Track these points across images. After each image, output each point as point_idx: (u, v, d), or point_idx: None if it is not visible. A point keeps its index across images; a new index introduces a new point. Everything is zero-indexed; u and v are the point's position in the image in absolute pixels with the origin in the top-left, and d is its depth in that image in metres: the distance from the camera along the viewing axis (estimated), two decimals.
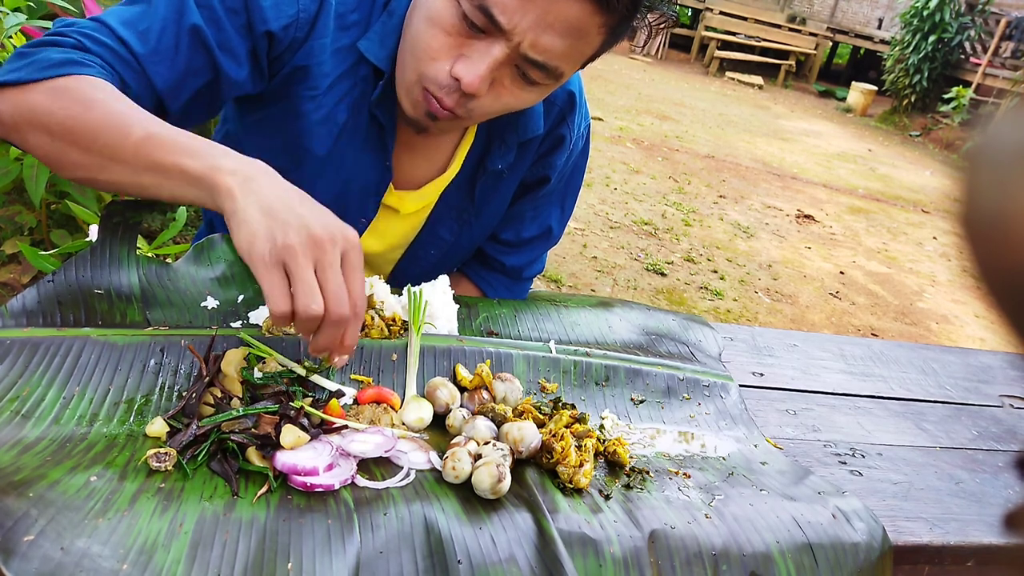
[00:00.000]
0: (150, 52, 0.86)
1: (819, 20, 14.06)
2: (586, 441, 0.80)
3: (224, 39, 0.90)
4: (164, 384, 0.78)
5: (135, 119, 0.77)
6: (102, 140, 0.76)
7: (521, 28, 0.82)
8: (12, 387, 0.72)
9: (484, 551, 0.66)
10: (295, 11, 0.92)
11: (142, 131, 0.75)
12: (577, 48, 0.86)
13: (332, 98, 0.99)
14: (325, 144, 1.01)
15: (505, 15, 0.81)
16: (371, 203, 1.09)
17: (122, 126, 0.76)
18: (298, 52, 0.95)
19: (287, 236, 0.67)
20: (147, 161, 0.74)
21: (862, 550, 0.78)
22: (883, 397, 1.20)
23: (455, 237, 1.18)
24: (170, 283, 0.94)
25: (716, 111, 9.90)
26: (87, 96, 0.77)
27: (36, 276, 2.01)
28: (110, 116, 0.76)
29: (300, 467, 0.68)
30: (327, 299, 0.68)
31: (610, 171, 6.16)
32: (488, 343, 0.96)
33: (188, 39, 0.87)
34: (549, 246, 1.33)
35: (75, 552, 0.55)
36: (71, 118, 0.77)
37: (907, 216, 7.06)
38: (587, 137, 1.24)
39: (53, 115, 0.78)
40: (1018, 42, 10.78)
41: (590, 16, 0.82)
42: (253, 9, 0.90)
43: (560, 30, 0.82)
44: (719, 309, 4.12)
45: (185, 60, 0.88)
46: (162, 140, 0.74)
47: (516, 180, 1.18)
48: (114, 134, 0.76)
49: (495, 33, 0.83)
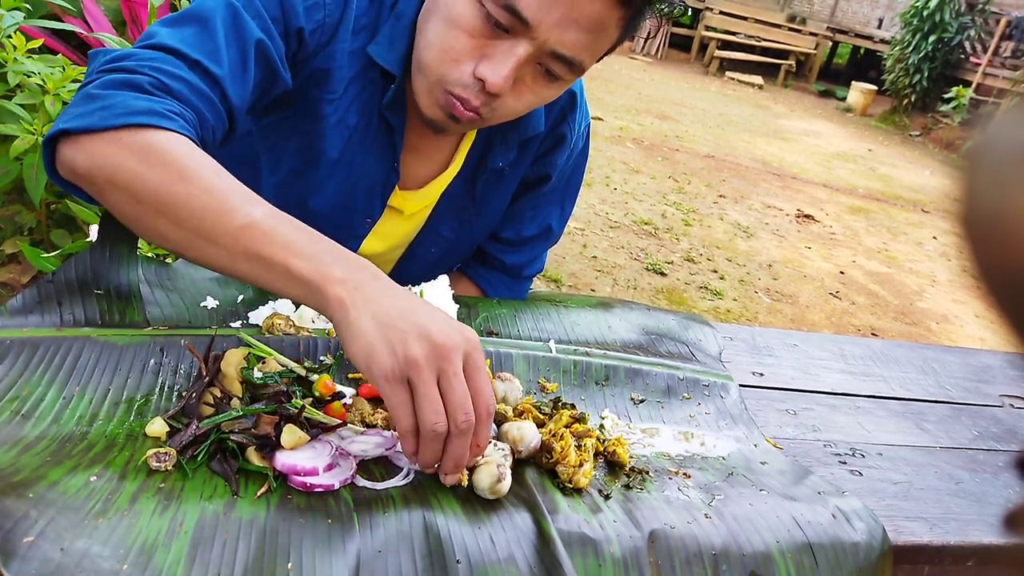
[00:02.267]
0: (226, 74, 0.82)
1: (819, 20, 14.06)
2: (586, 441, 0.80)
3: (278, 49, 0.90)
4: (164, 384, 0.78)
5: (237, 200, 0.71)
6: (198, 219, 0.70)
7: (546, 25, 0.83)
8: (12, 387, 0.72)
9: (483, 551, 0.65)
10: (322, 15, 0.93)
11: (244, 217, 0.69)
12: (598, 42, 0.88)
13: (345, 101, 0.99)
14: (337, 147, 1.01)
15: (530, 11, 0.82)
16: (377, 204, 1.09)
17: (223, 209, 0.70)
18: (320, 55, 0.95)
19: (408, 348, 0.63)
20: (249, 251, 0.69)
21: (862, 550, 0.78)
22: (883, 397, 1.20)
23: (456, 235, 1.19)
24: (170, 283, 0.94)
25: (716, 111, 9.90)
26: (182, 165, 0.71)
27: (36, 276, 2.01)
28: (210, 194, 0.70)
29: (300, 467, 0.68)
30: (452, 411, 0.64)
31: (610, 171, 6.16)
32: (488, 343, 0.96)
33: (255, 54, 0.85)
34: (549, 245, 1.33)
35: (75, 553, 0.55)
36: (165, 188, 0.70)
37: (907, 216, 7.06)
38: (587, 136, 1.24)
39: (143, 181, 0.71)
40: (1018, 42, 10.78)
41: (611, 11, 0.83)
42: (289, 14, 0.91)
43: (583, 25, 0.84)
44: (719, 309, 4.12)
45: (254, 77, 0.86)
46: (267, 232, 0.69)
47: (517, 178, 1.18)
48: (214, 215, 0.70)
49: (520, 31, 0.84)
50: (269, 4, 0.89)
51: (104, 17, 2.03)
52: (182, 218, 0.70)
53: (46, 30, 1.84)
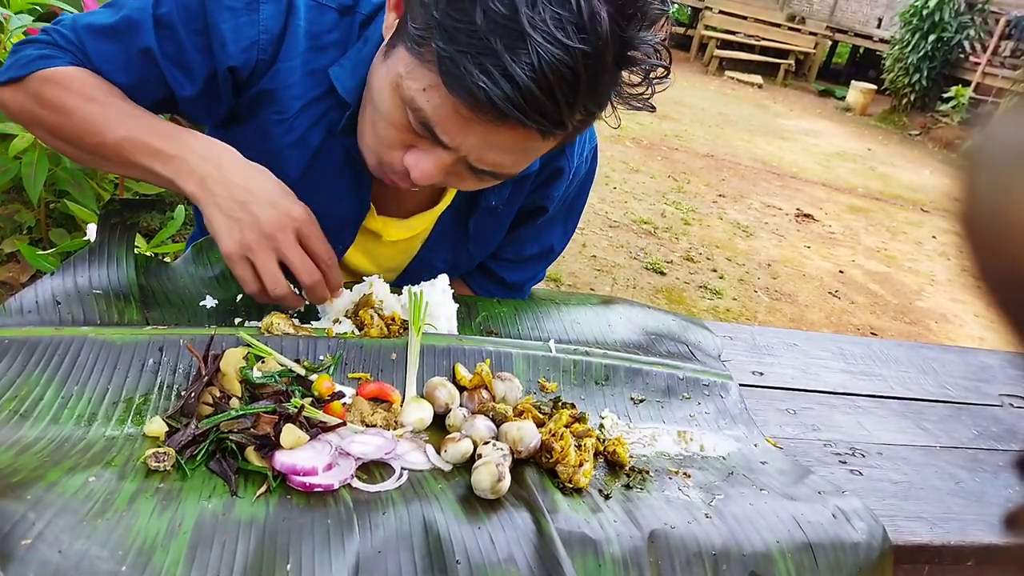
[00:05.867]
0: (103, 60, 0.94)
1: (819, 19, 14.05)
2: (586, 441, 0.80)
3: (183, 59, 0.93)
4: (163, 383, 0.78)
5: (108, 119, 0.88)
6: (86, 144, 0.90)
7: (465, 147, 0.79)
8: (10, 386, 0.72)
9: (483, 551, 0.65)
10: (256, 32, 0.91)
11: (115, 136, 0.87)
12: (526, 158, 0.85)
13: (305, 121, 0.97)
14: (298, 166, 0.99)
15: (448, 135, 0.78)
16: (348, 232, 1.07)
17: (96, 132, 0.88)
18: (265, 75, 0.94)
19: (244, 235, 0.81)
20: (126, 161, 0.87)
21: (862, 550, 0.78)
22: (883, 396, 1.20)
23: (450, 266, 1.16)
24: (169, 282, 0.94)
25: (715, 110, 9.90)
26: (64, 102, 0.89)
27: (34, 275, 2.01)
28: (85, 122, 0.88)
29: (299, 467, 0.68)
30: (298, 274, 0.83)
31: (609, 170, 6.16)
32: (488, 342, 0.95)
33: (138, 57, 0.93)
34: (550, 262, 1.31)
35: (73, 555, 0.55)
36: (58, 126, 0.90)
37: (906, 215, 7.06)
38: (592, 160, 1.19)
39: (45, 123, 0.92)
40: (1018, 41, 10.78)
41: (532, 139, 0.78)
42: (214, 33, 0.90)
43: (506, 149, 0.80)
44: (718, 308, 4.12)
45: (138, 73, 0.94)
46: (133, 142, 0.86)
47: (513, 211, 1.15)
48: (93, 138, 0.88)
49: (440, 144, 0.81)
50: (189, 17, 0.91)
51: None
52: (78, 143, 0.91)
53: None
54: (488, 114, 0.73)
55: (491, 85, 0.70)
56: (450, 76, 0.72)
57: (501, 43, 0.68)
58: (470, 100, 0.72)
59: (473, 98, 0.72)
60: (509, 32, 0.68)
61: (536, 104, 0.71)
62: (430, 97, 0.76)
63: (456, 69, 0.71)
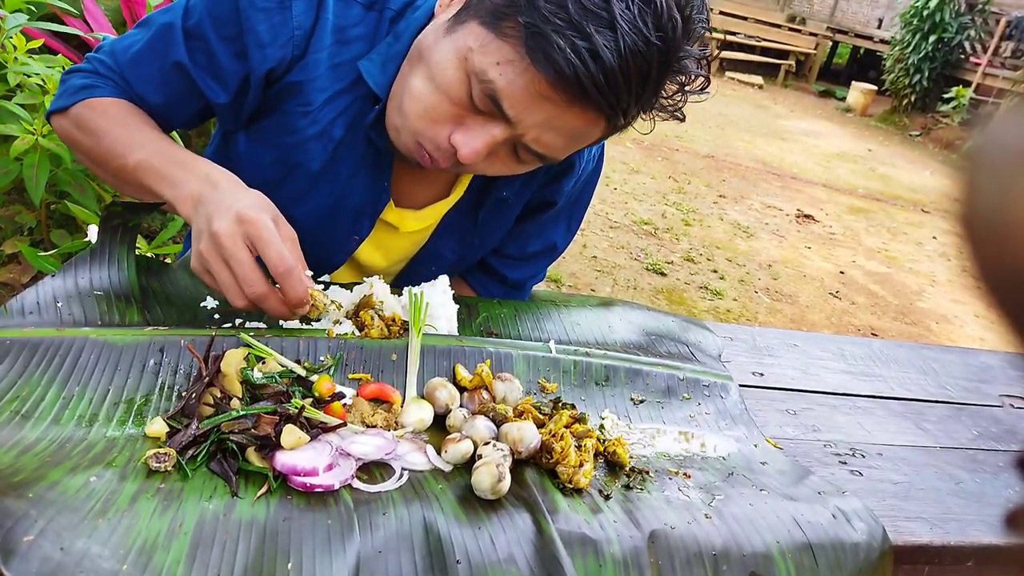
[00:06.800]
0: (140, 81, 0.99)
1: (819, 20, 14.05)
2: (586, 441, 0.80)
3: (216, 67, 0.95)
4: (164, 384, 0.78)
5: (132, 143, 0.93)
6: (111, 167, 0.95)
7: (527, 123, 0.82)
8: (12, 387, 0.72)
9: (483, 551, 0.65)
10: (290, 29, 0.92)
11: (133, 160, 0.91)
12: (576, 145, 0.89)
13: (329, 113, 0.97)
14: (319, 159, 1.00)
15: (514, 109, 0.81)
16: (365, 222, 1.08)
17: (120, 155, 0.92)
18: (294, 69, 0.94)
19: (199, 248, 0.81)
20: (140, 184, 0.91)
21: (862, 550, 0.78)
22: (883, 397, 1.20)
23: (457, 256, 1.18)
24: (170, 283, 0.94)
25: (716, 111, 9.89)
26: (98, 127, 0.95)
27: (36, 276, 2.01)
28: (112, 146, 0.94)
29: (300, 467, 0.68)
30: (243, 287, 0.79)
31: (610, 171, 6.16)
32: (488, 343, 0.95)
33: (172, 72, 0.97)
34: (552, 260, 1.32)
35: (75, 552, 0.55)
36: (91, 149, 0.97)
37: (907, 216, 7.06)
38: (600, 156, 1.21)
39: (81, 145, 0.99)
40: (1018, 42, 10.78)
41: (595, 124, 0.83)
42: (250, 37, 0.91)
43: (564, 132, 0.83)
44: (719, 309, 4.12)
45: (174, 88, 0.98)
46: (148, 169, 0.90)
47: (521, 204, 1.16)
48: (117, 163, 0.93)
49: (499, 118, 0.83)
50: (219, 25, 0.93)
51: (104, 17, 2.04)
52: (105, 166, 0.96)
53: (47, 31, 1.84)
54: (566, 92, 0.77)
55: (579, 62, 0.74)
56: (537, 51, 0.76)
57: (592, 26, 0.73)
58: (554, 75, 0.76)
59: (559, 74, 0.75)
60: (599, 18, 0.73)
61: (616, 88, 0.76)
62: (503, 71, 0.79)
63: (545, 44, 0.75)
